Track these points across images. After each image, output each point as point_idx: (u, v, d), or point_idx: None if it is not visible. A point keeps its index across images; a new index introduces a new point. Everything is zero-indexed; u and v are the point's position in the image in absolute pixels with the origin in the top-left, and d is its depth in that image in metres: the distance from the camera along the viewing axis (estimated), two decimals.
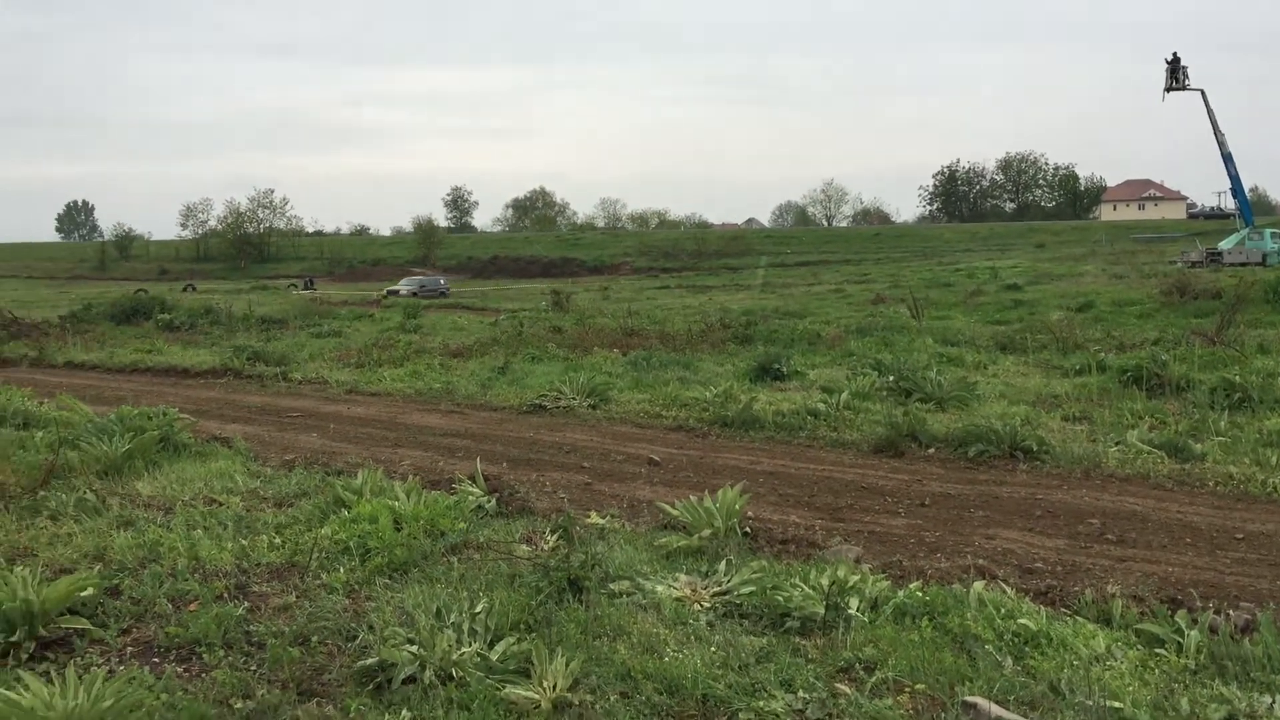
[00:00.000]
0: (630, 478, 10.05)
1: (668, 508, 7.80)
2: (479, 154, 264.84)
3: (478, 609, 5.47)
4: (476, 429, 13.00)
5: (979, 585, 6.01)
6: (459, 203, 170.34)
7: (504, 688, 4.73)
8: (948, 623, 5.48)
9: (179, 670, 5.16)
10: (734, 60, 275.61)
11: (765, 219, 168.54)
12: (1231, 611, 5.69)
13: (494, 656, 5.03)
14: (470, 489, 8.53)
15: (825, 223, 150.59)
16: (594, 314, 32.92)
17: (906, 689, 4.76)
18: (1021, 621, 5.45)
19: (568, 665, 4.82)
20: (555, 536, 7.05)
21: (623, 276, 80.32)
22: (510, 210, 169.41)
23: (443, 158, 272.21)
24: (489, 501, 8.28)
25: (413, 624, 5.34)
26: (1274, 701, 4.51)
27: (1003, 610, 5.63)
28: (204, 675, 5.08)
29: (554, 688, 4.69)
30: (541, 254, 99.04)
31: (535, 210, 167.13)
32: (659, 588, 6.09)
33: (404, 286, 59.45)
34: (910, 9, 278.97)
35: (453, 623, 5.32)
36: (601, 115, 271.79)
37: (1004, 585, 6.24)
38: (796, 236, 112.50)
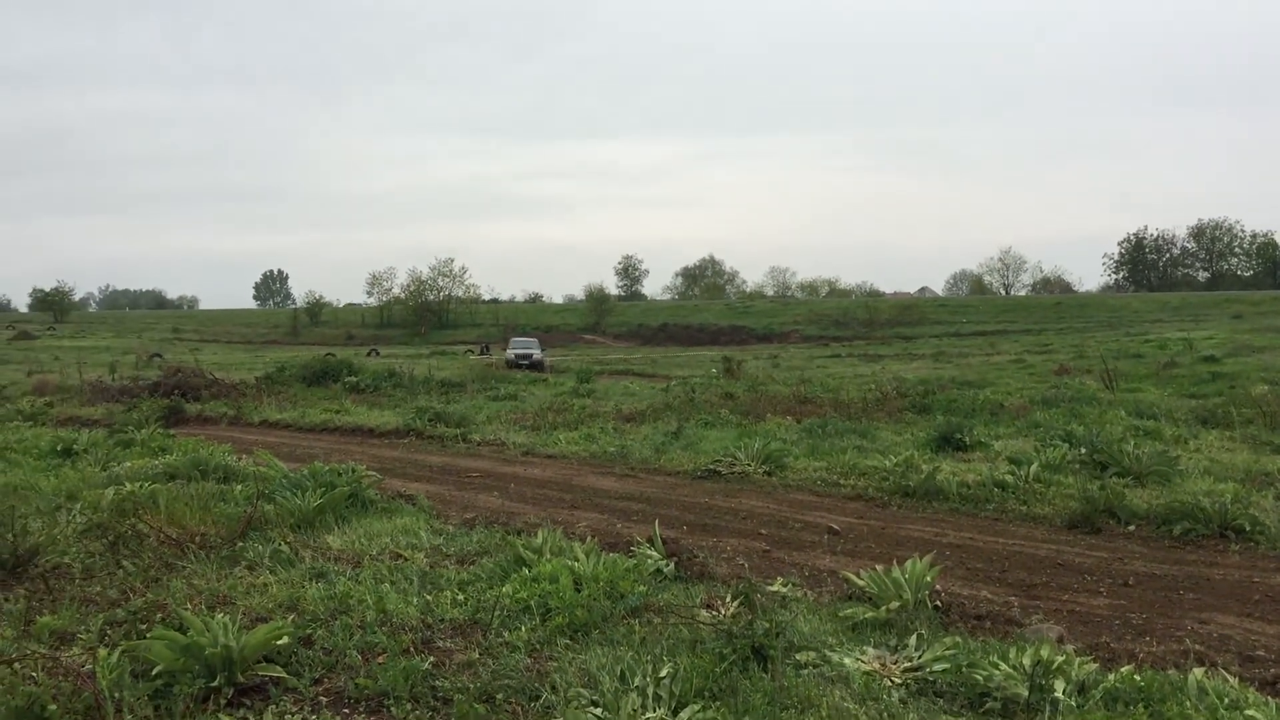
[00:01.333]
0: (809, 546, 9.80)
1: (853, 577, 7.54)
2: (650, 223, 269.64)
3: (662, 674, 5.36)
4: (651, 493, 12.96)
5: (1198, 672, 5.55)
6: (629, 271, 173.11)
7: None
8: (1165, 711, 5.07)
9: None
10: (906, 130, 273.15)
11: (939, 288, 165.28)
12: None
13: None
14: (649, 552, 8.46)
15: (1003, 291, 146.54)
16: (765, 381, 32.68)
17: None
18: (1249, 713, 4.99)
19: None
20: (736, 603, 6.89)
21: (792, 345, 79.77)
22: (680, 278, 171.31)
23: (615, 228, 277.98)
24: (667, 565, 8.18)
25: (596, 686, 5.27)
26: None
27: (1225, 700, 5.18)
28: None
29: None
30: (710, 322, 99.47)
31: (704, 279, 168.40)
32: (847, 660, 5.86)
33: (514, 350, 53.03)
34: (1081, 70, 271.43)
35: (637, 686, 5.22)
36: (772, 185, 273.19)
37: (1225, 673, 5.76)
38: (972, 305, 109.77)
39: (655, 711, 4.98)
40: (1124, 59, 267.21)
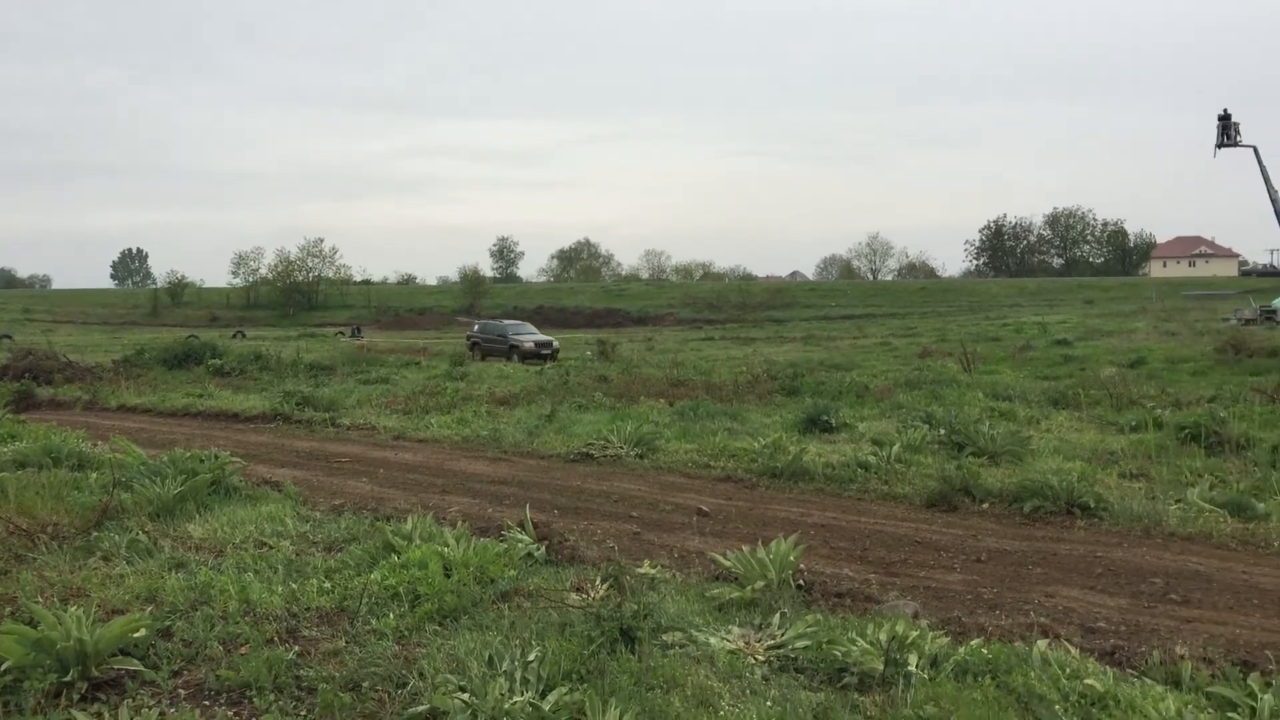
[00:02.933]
0: (679, 528, 9.95)
1: (720, 559, 7.70)
2: (525, 206, 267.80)
3: (530, 657, 5.40)
4: (523, 476, 12.96)
5: (1042, 644, 5.85)
6: (505, 253, 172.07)
7: None
8: (1011, 681, 5.33)
9: (230, 714, 5.13)
10: (779, 116, 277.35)
11: (810, 272, 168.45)
12: None
13: (546, 706, 4.94)
14: (519, 536, 8.47)
15: (870, 276, 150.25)
16: (639, 364, 32.90)
17: None
18: (1088, 682, 5.28)
19: (621, 717, 4.73)
20: (606, 585, 6.97)
21: (667, 328, 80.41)
22: (555, 261, 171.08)
23: (489, 209, 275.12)
24: (538, 549, 8.21)
25: (464, 672, 5.28)
26: None
27: (1068, 670, 5.47)
28: (255, 719, 5.04)
29: None
30: (586, 305, 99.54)
31: (580, 261, 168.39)
32: (712, 640, 5.99)
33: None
34: (950, 64, 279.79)
35: (505, 670, 5.25)
36: (646, 169, 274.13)
37: (1068, 644, 6.07)
38: (841, 290, 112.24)
39: (523, 695, 5.01)
40: (983, 51, 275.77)
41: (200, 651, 5.86)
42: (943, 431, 14.27)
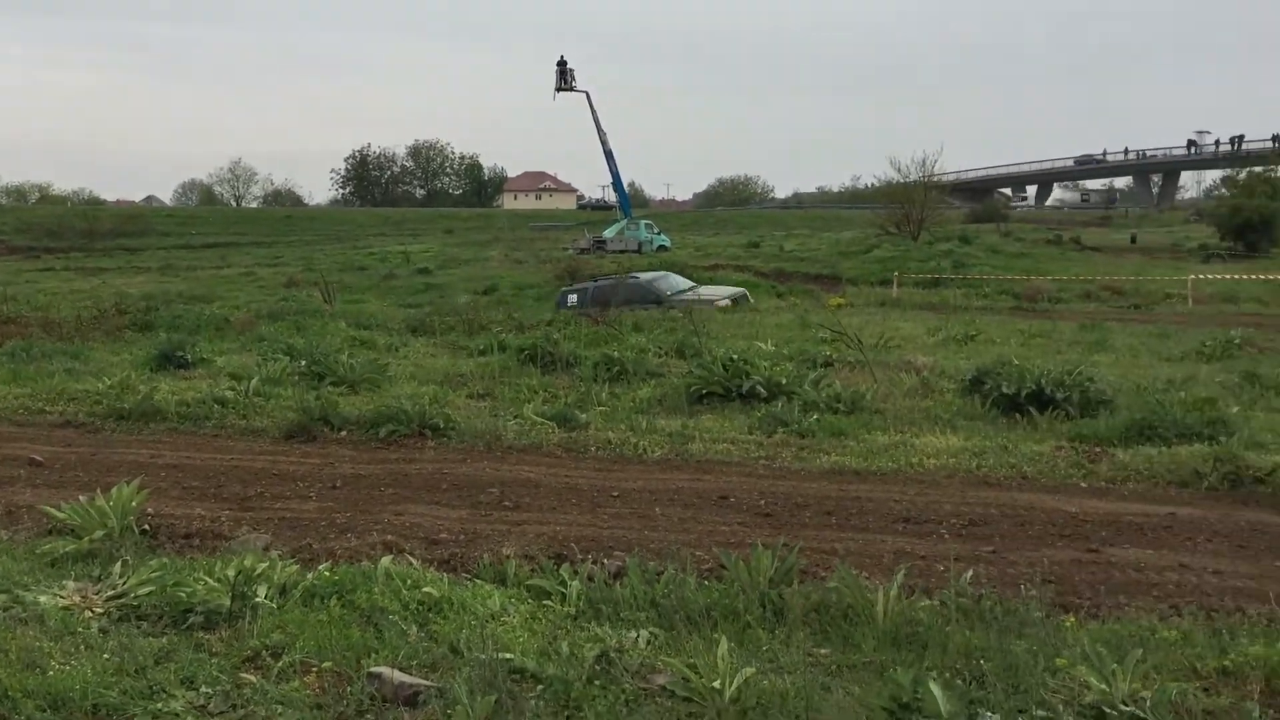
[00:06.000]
0: (8, 481, 9.01)
1: (53, 511, 7.12)
2: None
3: None
4: None
5: (386, 560, 6.21)
6: None
7: None
8: (356, 599, 5.61)
9: None
10: (129, 25, 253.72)
11: (167, 197, 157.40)
12: (606, 560, 6.45)
13: None
14: None
15: (234, 203, 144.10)
16: None
17: (314, 669, 4.82)
18: (426, 590, 5.73)
19: None
20: None
21: None
22: None
23: None
24: None
25: None
26: (639, 635, 5.18)
27: (409, 582, 5.87)
28: None
29: None
30: None
31: None
32: (43, 598, 5.58)
33: None
34: None
35: None
36: None
37: (411, 558, 6.52)
38: (203, 216, 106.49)
39: None
40: None
41: None
42: (304, 363, 14.31)
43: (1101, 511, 7.89)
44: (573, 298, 29.13)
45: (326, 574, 5.92)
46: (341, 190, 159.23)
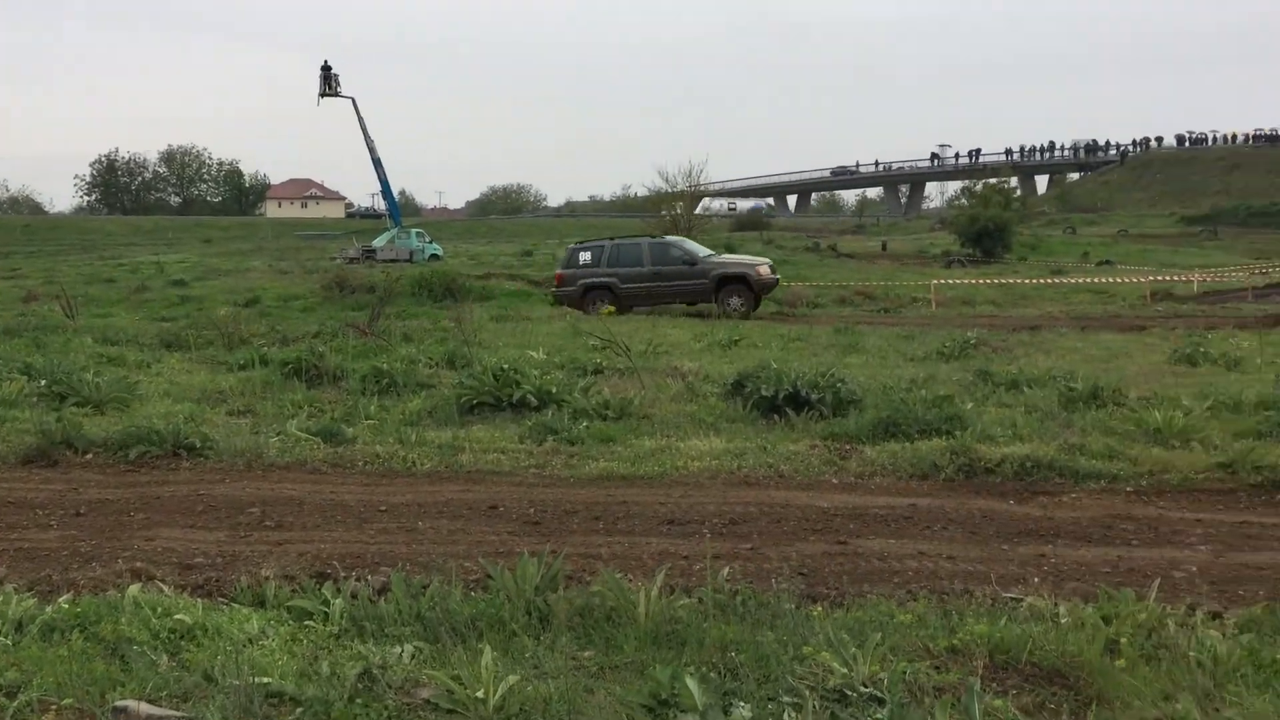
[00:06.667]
0: None
1: None
2: None
3: None
4: None
5: (134, 588, 5.92)
6: None
7: None
8: (101, 631, 5.32)
9: None
10: None
11: None
12: (370, 576, 6.37)
13: None
14: None
15: None
16: None
17: (53, 706, 4.54)
18: (178, 617, 5.49)
19: None
20: None
21: None
22: None
23: None
24: None
25: None
26: (403, 650, 5.14)
27: (159, 610, 5.61)
28: None
29: None
30: None
31: None
32: None
33: None
34: None
35: None
36: None
37: (162, 585, 6.22)
38: None
39: None
40: None
41: None
42: (44, 382, 13.41)
43: (850, 505, 8.37)
44: (585, 255, 27.22)
45: (67, 606, 5.58)
46: (87, 197, 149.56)
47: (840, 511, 8.18)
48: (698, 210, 63.19)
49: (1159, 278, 39.75)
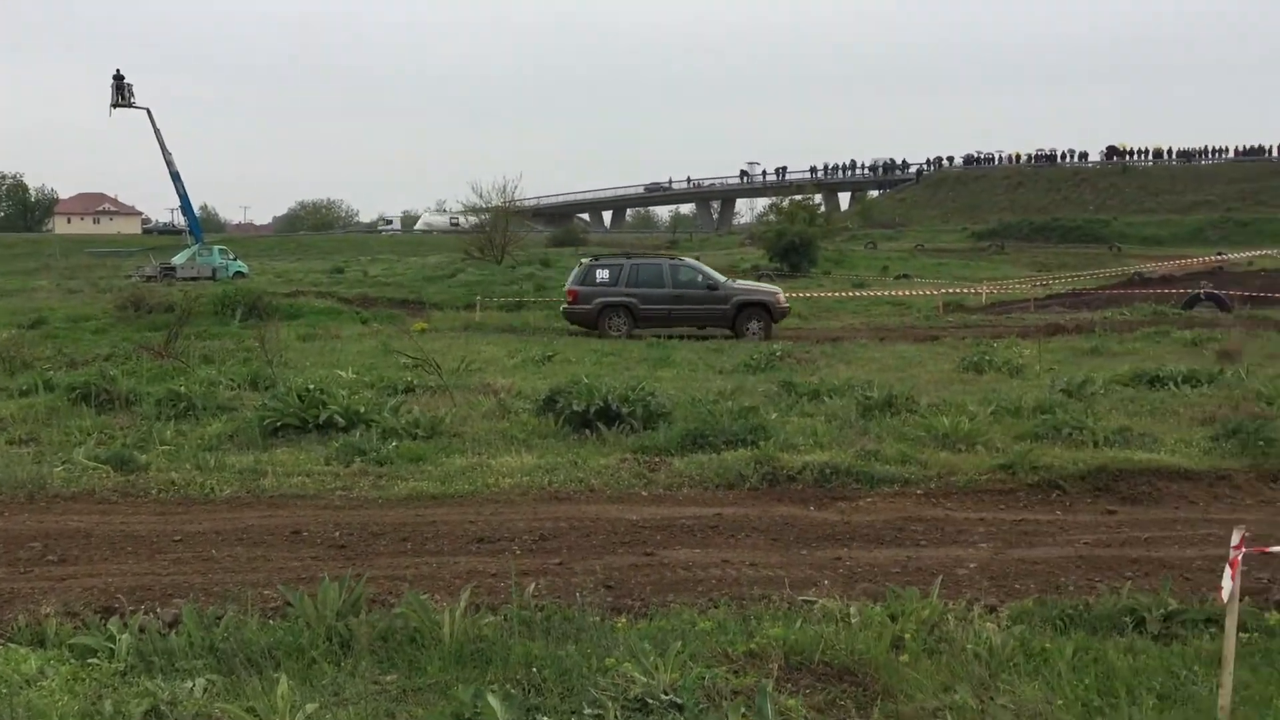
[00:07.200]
0: None
1: None
2: None
3: None
4: None
5: None
6: None
7: None
8: None
9: None
10: None
11: None
12: (161, 609, 6.10)
13: None
14: None
15: None
16: None
17: None
18: None
19: None
20: None
21: None
22: None
23: None
24: None
25: None
26: (194, 685, 4.95)
27: None
28: None
29: None
30: None
31: None
32: None
33: None
34: None
35: None
36: None
37: None
38: None
39: None
40: None
41: None
42: None
43: (659, 517, 8.52)
44: (603, 273, 25.84)
45: None
46: None
47: (649, 523, 8.31)
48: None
49: (951, 290, 41.83)
